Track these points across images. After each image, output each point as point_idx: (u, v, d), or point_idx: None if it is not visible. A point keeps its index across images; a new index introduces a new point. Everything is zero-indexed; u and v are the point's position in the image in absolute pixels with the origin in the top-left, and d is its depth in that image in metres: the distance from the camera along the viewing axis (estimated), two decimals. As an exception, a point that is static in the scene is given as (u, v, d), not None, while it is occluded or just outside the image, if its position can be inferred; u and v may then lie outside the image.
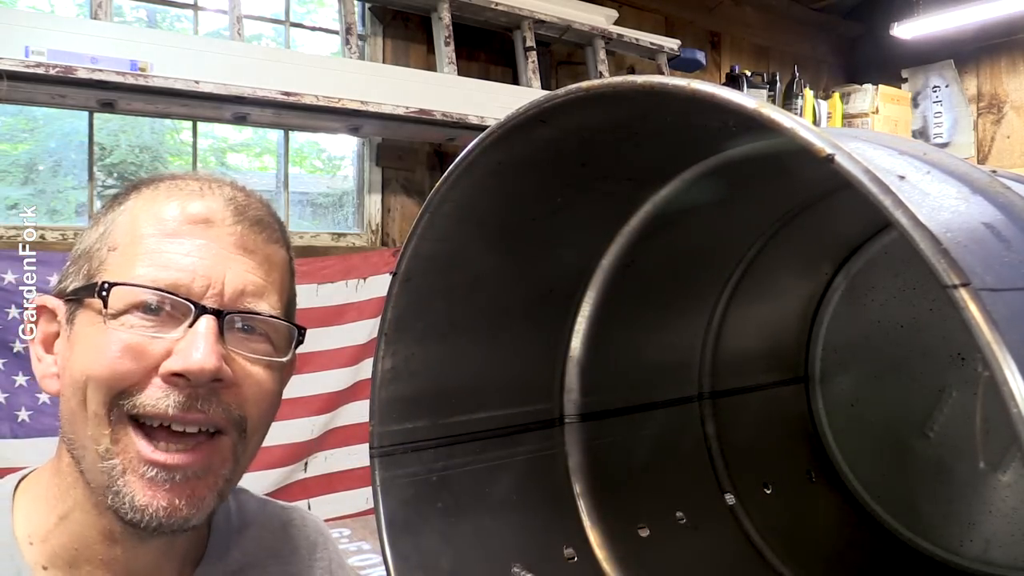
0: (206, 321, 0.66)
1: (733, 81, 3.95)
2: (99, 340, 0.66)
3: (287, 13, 3.10)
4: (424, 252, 0.94)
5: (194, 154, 2.92)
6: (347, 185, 3.31)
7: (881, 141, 0.79)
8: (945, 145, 4.45)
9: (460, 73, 3.06)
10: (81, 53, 2.25)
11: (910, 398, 1.44)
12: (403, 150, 3.22)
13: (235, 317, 0.69)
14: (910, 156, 0.72)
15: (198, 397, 0.66)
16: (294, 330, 0.74)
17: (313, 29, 3.22)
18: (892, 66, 4.64)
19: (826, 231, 1.46)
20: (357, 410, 2.89)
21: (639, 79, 0.72)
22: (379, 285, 2.97)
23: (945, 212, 0.58)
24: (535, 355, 1.15)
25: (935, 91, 4.57)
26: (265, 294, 0.71)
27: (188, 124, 2.90)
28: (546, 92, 0.82)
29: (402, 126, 2.95)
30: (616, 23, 3.60)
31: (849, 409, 1.55)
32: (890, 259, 1.48)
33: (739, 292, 1.38)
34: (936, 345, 1.41)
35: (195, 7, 2.87)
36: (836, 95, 4.31)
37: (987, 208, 0.64)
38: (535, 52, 3.28)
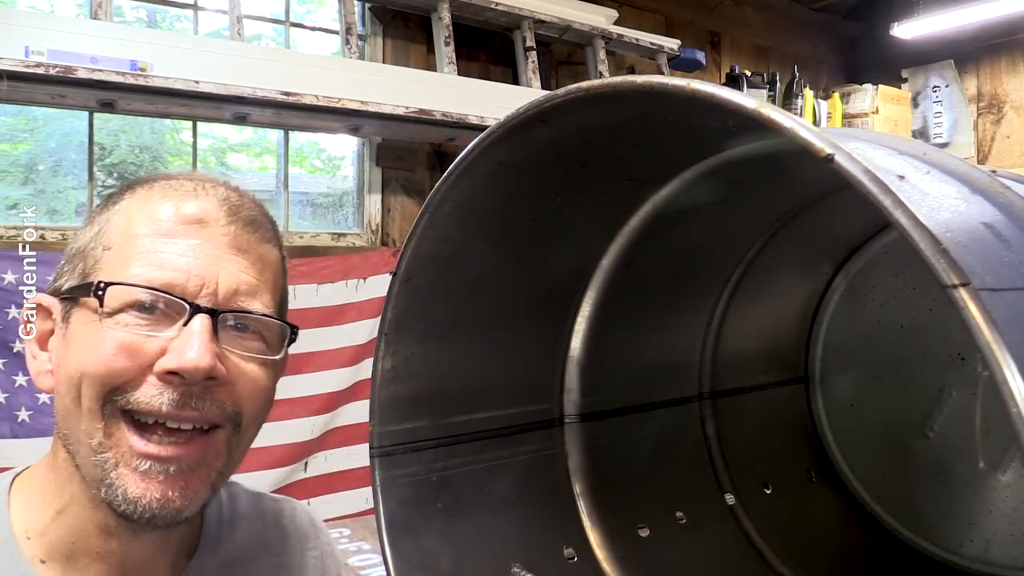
0: (200, 320, 0.67)
1: (733, 81, 3.95)
2: (94, 338, 0.67)
3: (287, 13, 3.10)
4: (424, 252, 0.94)
5: (194, 154, 2.92)
6: (347, 185, 3.31)
7: (881, 141, 0.79)
8: (945, 145, 4.44)
9: (460, 73, 3.06)
10: (81, 53, 2.25)
11: (910, 398, 1.44)
12: (403, 150, 3.22)
13: (228, 316, 0.70)
14: (910, 156, 0.72)
15: (192, 395, 0.67)
16: (287, 328, 0.76)
17: (313, 29, 3.22)
18: (892, 66, 4.64)
19: (826, 231, 1.46)
20: (357, 410, 2.89)
21: (639, 79, 0.72)
22: (379, 285, 2.96)
23: (945, 212, 0.58)
24: (535, 355, 1.15)
25: (935, 91, 4.57)
26: (258, 293, 0.72)
27: (188, 124, 2.89)
28: (546, 92, 0.82)
29: (402, 126, 2.95)
30: (616, 23, 3.60)
31: (849, 409, 1.55)
32: (890, 259, 1.48)
33: (739, 292, 1.38)
34: (936, 345, 1.41)
35: (195, 7, 2.87)
36: (836, 95, 4.31)
37: (987, 208, 0.64)
38: (535, 52, 3.28)
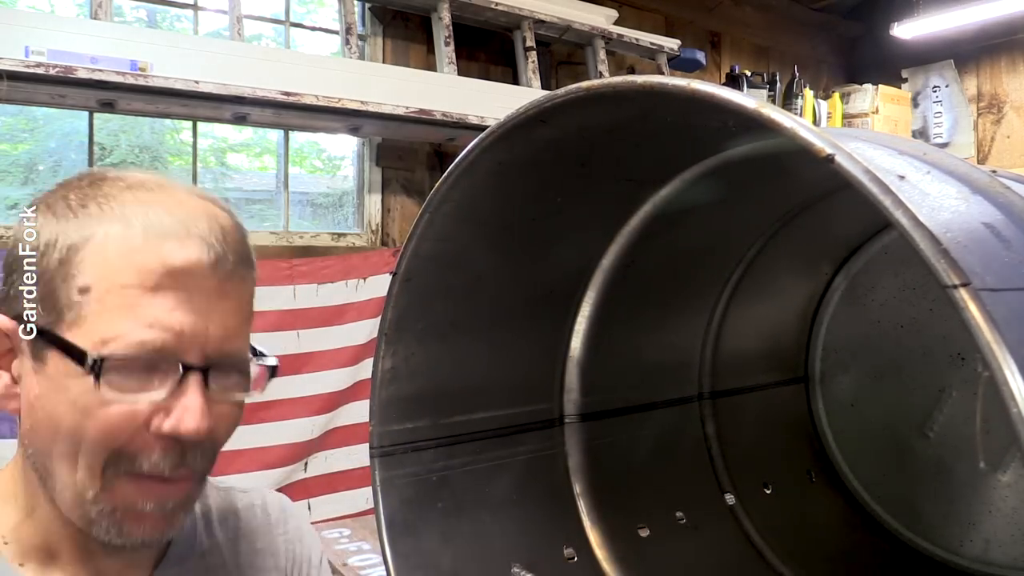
0: (194, 380, 0.67)
1: (733, 81, 3.94)
2: (88, 400, 0.65)
3: (287, 13, 3.10)
4: (424, 252, 0.94)
5: (194, 154, 2.91)
6: (347, 185, 3.31)
7: (881, 141, 0.79)
8: (945, 145, 4.44)
9: (460, 73, 3.05)
10: (81, 53, 2.25)
11: (910, 398, 1.44)
12: (403, 150, 3.22)
13: (217, 364, 0.69)
14: (910, 156, 0.73)
15: (187, 452, 0.68)
16: (268, 369, 0.75)
17: (313, 29, 3.22)
18: (892, 66, 4.64)
19: (826, 231, 1.46)
20: (357, 410, 2.89)
21: (639, 79, 0.72)
22: (379, 285, 2.96)
23: (945, 212, 0.58)
24: (535, 355, 1.15)
25: (935, 91, 4.57)
26: (241, 330, 0.72)
27: (188, 124, 2.89)
28: (546, 92, 0.82)
29: (402, 126, 2.94)
30: (616, 23, 3.60)
31: (849, 409, 1.55)
32: (890, 259, 1.48)
33: (739, 292, 1.38)
34: (936, 345, 1.41)
35: (195, 7, 2.87)
36: (836, 95, 4.30)
37: (987, 208, 0.64)
38: (535, 52, 3.28)
